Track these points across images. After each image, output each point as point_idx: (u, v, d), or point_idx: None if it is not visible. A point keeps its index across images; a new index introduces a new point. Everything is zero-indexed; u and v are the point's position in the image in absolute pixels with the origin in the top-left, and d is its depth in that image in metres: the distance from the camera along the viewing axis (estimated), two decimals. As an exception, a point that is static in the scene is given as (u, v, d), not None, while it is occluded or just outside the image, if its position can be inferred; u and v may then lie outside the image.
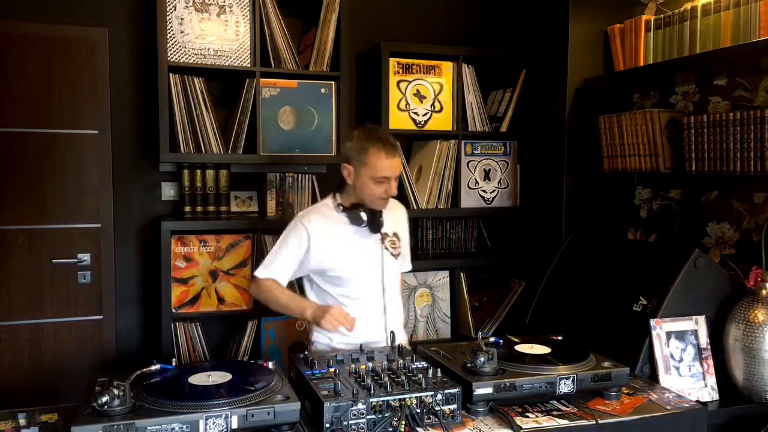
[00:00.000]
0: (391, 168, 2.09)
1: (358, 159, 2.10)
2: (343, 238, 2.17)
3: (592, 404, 1.74)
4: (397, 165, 2.12)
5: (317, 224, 2.16)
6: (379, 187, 2.10)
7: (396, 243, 2.27)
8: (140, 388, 1.52)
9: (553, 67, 2.95)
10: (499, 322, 3.22)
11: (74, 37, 2.95)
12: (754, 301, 1.98)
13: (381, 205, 2.16)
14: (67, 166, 2.99)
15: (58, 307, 3.00)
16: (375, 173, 2.08)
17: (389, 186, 2.11)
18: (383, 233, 2.20)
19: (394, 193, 2.13)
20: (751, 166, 2.17)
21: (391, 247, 2.24)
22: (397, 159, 2.11)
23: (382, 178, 2.09)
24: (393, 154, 2.09)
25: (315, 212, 2.21)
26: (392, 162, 2.09)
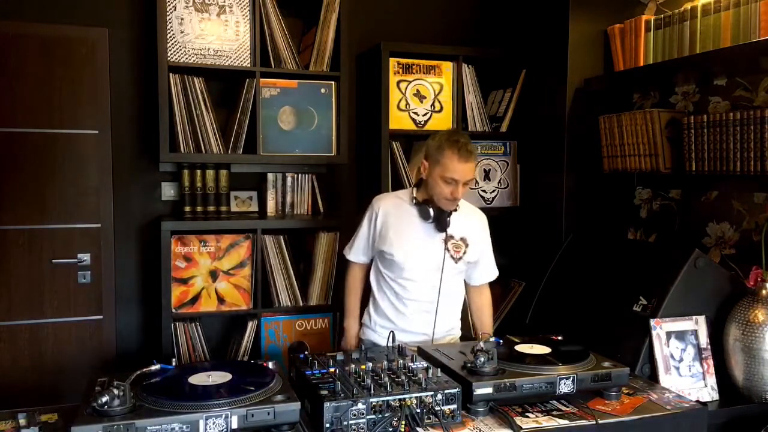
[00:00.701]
0: (461, 172, 2.16)
1: (434, 156, 2.20)
2: (408, 227, 2.28)
3: (592, 404, 1.74)
4: (468, 171, 2.17)
5: (388, 206, 2.33)
6: (447, 187, 2.18)
7: (460, 247, 2.30)
8: (140, 388, 1.52)
9: (553, 67, 2.95)
10: (499, 322, 3.22)
11: (74, 37, 2.95)
12: (754, 301, 1.98)
13: (446, 205, 2.23)
14: (67, 166, 2.99)
15: (58, 307, 3.00)
16: (445, 173, 2.16)
17: (456, 189, 2.18)
18: (449, 234, 2.26)
19: (459, 196, 2.20)
20: (751, 166, 2.17)
21: (453, 250, 2.28)
22: (470, 165, 2.17)
23: (451, 179, 2.16)
24: (466, 159, 2.16)
25: (391, 197, 2.39)
26: (464, 166, 2.15)
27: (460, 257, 2.29)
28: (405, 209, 2.30)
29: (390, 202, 2.35)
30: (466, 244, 2.31)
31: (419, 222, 2.26)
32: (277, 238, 2.95)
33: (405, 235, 2.27)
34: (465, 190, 2.21)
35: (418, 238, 2.27)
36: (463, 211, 2.33)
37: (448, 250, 2.26)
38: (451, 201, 2.21)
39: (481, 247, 2.37)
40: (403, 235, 2.27)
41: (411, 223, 2.28)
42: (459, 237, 2.30)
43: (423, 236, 2.27)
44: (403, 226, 2.28)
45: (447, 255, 2.26)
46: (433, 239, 2.27)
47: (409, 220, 2.28)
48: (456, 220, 2.27)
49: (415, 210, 2.27)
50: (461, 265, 2.31)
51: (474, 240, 2.33)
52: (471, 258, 2.33)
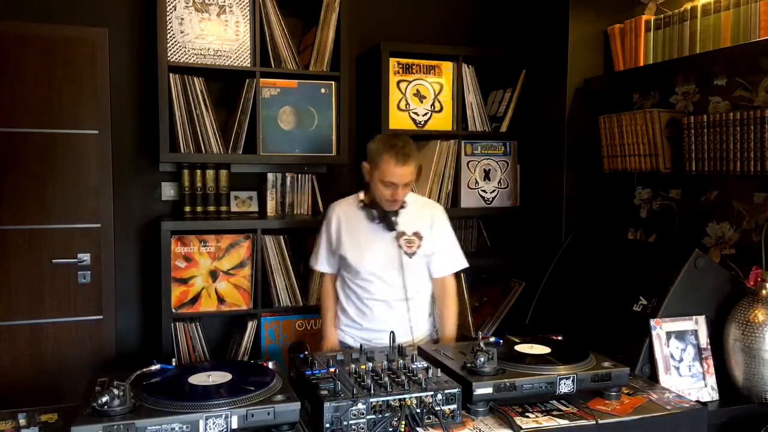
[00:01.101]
0: (399, 176, 2.21)
1: (374, 161, 2.26)
2: (360, 230, 2.34)
3: (592, 404, 1.74)
4: (405, 174, 2.22)
5: (340, 212, 2.39)
6: (387, 189, 2.24)
7: (413, 242, 2.33)
8: (140, 388, 1.52)
9: (553, 67, 2.95)
10: (499, 322, 3.22)
11: (74, 37, 2.95)
12: (754, 301, 1.98)
13: (389, 206, 2.28)
14: (67, 166, 2.99)
15: (58, 307, 3.00)
16: (384, 177, 2.22)
17: (395, 191, 2.23)
18: (400, 231, 2.30)
19: (400, 198, 2.25)
20: (751, 166, 2.17)
21: (406, 246, 2.31)
22: (407, 168, 2.21)
23: (389, 182, 2.22)
24: (403, 163, 2.20)
25: (343, 202, 2.44)
26: (401, 170, 2.20)
27: (414, 252, 2.32)
28: (356, 213, 2.36)
29: (342, 208, 2.41)
30: (419, 237, 2.34)
31: (369, 223, 2.32)
32: (277, 238, 2.95)
33: (357, 237, 2.34)
34: (406, 192, 2.27)
35: (370, 239, 2.32)
36: (415, 206, 2.37)
37: (401, 246, 2.30)
38: (392, 202, 2.26)
39: (436, 238, 2.38)
40: (355, 238, 2.34)
41: (362, 226, 2.33)
42: (411, 232, 2.33)
43: (375, 237, 2.32)
44: (354, 229, 2.35)
45: (401, 252, 2.30)
46: (385, 238, 2.31)
47: (360, 223, 2.34)
48: (407, 217, 2.31)
49: (363, 213, 2.32)
50: (417, 259, 2.34)
51: (427, 233, 2.35)
52: (426, 251, 2.35)
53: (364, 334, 2.37)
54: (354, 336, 2.40)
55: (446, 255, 2.43)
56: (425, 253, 2.35)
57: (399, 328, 2.28)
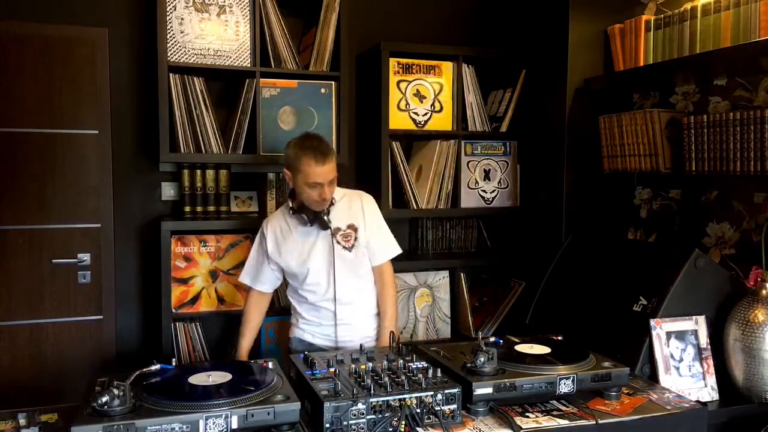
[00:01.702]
0: (321, 175, 2.20)
1: (294, 165, 2.24)
2: (295, 238, 2.34)
3: (592, 404, 1.74)
4: (328, 171, 2.22)
5: (273, 228, 2.39)
6: (313, 191, 2.22)
7: (350, 235, 2.34)
8: (140, 388, 1.52)
9: (553, 67, 2.95)
10: (499, 322, 3.22)
11: (74, 37, 2.95)
12: (754, 301, 1.98)
13: (318, 207, 2.26)
14: (67, 166, 2.99)
15: (58, 307, 3.00)
16: (307, 179, 2.21)
17: (322, 191, 2.22)
18: (335, 227, 2.31)
19: (328, 197, 2.25)
20: (751, 166, 2.17)
21: (343, 241, 2.33)
22: (328, 166, 2.22)
23: (314, 183, 2.21)
24: (323, 162, 2.21)
25: (274, 217, 2.43)
26: (322, 169, 2.20)
27: (353, 244, 2.33)
28: (288, 221, 2.36)
29: (274, 223, 2.40)
30: (354, 229, 2.35)
31: (303, 228, 2.32)
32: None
33: (295, 245, 2.34)
34: (332, 189, 2.27)
35: (308, 243, 2.33)
36: (344, 199, 2.37)
37: (339, 242, 2.31)
38: (321, 202, 2.25)
39: (370, 227, 2.38)
40: (294, 246, 2.34)
41: (296, 233, 2.34)
42: (346, 225, 2.34)
43: (312, 240, 2.33)
44: (290, 237, 2.35)
45: (339, 248, 2.31)
46: (319, 238, 2.32)
47: (294, 230, 2.34)
48: (337, 212, 2.32)
49: (295, 219, 2.32)
50: (357, 251, 2.34)
51: (361, 223, 2.36)
52: (363, 242, 2.35)
53: (325, 330, 2.37)
54: (314, 333, 2.40)
55: (381, 242, 2.42)
56: (363, 244, 2.35)
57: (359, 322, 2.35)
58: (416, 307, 3.22)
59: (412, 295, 3.22)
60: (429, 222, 3.36)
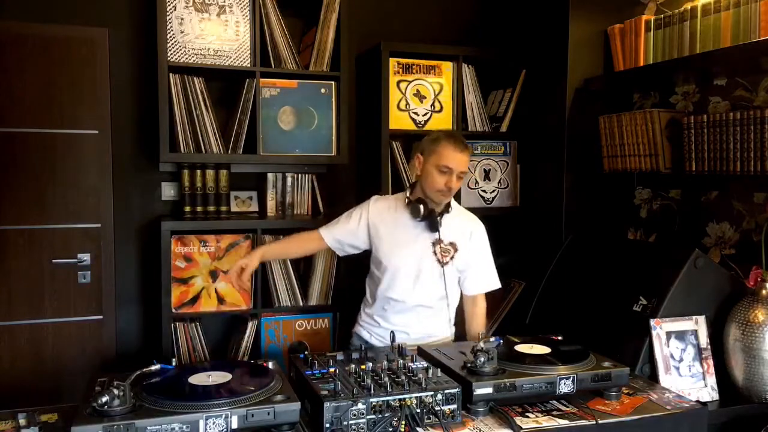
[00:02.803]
0: (456, 160, 2.17)
1: (429, 148, 2.22)
2: (397, 228, 2.29)
3: (592, 404, 1.74)
4: (463, 161, 2.19)
5: (380, 208, 2.34)
6: (442, 177, 2.17)
7: (448, 252, 2.27)
8: (140, 388, 1.52)
9: (553, 67, 2.95)
10: (499, 322, 3.22)
11: (74, 37, 2.95)
12: (754, 301, 1.98)
13: (439, 198, 2.21)
14: (67, 166, 2.99)
15: (58, 307, 3.00)
16: (440, 161, 2.17)
17: (450, 179, 2.17)
18: (439, 238, 2.24)
19: (454, 187, 2.19)
20: (751, 166, 2.17)
21: (440, 254, 2.26)
22: (465, 156, 2.20)
23: (446, 167, 2.16)
24: (462, 150, 2.19)
25: (385, 199, 2.40)
26: (459, 155, 2.17)
27: (447, 262, 2.26)
28: (398, 210, 2.31)
29: (383, 205, 2.36)
30: (455, 249, 2.28)
31: (410, 222, 2.26)
32: (277, 238, 2.95)
33: (395, 233, 2.29)
34: (458, 184, 2.22)
35: (407, 237, 2.28)
36: (458, 217, 2.32)
37: (435, 253, 2.25)
38: (445, 192, 2.19)
39: (473, 254, 2.31)
40: (393, 233, 2.29)
41: (401, 222, 2.28)
42: (448, 242, 2.27)
43: (412, 236, 2.27)
44: (394, 224, 2.30)
45: (434, 258, 2.26)
46: (422, 241, 2.26)
47: (401, 219, 2.29)
48: (448, 224, 2.26)
49: (407, 211, 2.26)
50: (448, 270, 2.27)
51: (464, 246, 2.29)
52: (459, 265, 2.29)
53: (382, 332, 2.33)
54: (372, 332, 2.36)
55: (480, 273, 2.34)
56: (458, 266, 2.28)
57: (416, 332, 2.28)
58: None
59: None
60: (429, 222, 3.36)
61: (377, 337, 2.34)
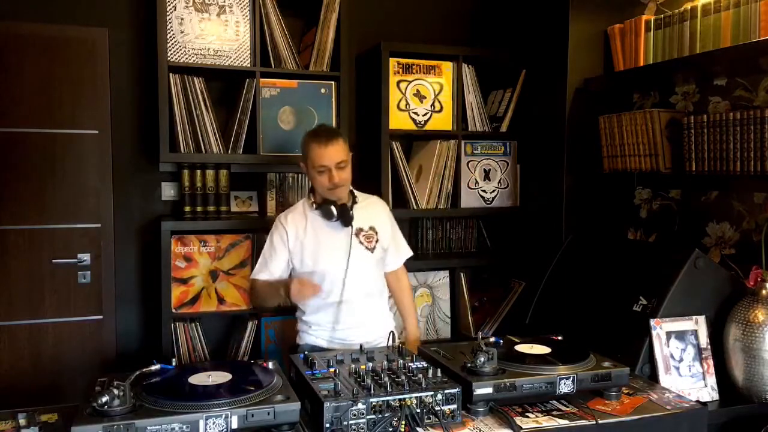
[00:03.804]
0: (326, 156, 2.18)
1: (303, 153, 2.27)
2: (318, 232, 2.29)
3: (592, 404, 1.74)
4: (333, 153, 2.19)
5: (292, 220, 2.31)
6: (322, 177, 2.20)
7: (372, 236, 2.33)
8: (140, 388, 1.52)
9: (553, 67, 2.95)
10: (499, 322, 3.22)
11: (74, 37, 2.95)
12: (754, 301, 1.98)
13: (332, 195, 2.23)
14: (67, 166, 2.99)
15: (58, 307, 3.00)
16: (314, 164, 2.20)
17: (331, 174, 2.19)
18: (357, 227, 2.29)
19: (338, 182, 2.20)
20: (751, 166, 2.17)
21: (365, 241, 2.31)
22: (333, 147, 2.19)
23: (321, 167, 2.19)
24: (326, 144, 2.19)
25: (291, 211, 2.36)
26: (326, 151, 2.18)
27: (374, 246, 2.32)
28: (308, 217, 2.30)
29: (293, 216, 2.32)
30: (375, 231, 2.34)
31: (324, 224, 2.27)
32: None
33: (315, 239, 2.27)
34: (343, 176, 2.22)
35: (328, 238, 2.27)
36: (363, 202, 2.36)
37: (362, 242, 2.29)
38: (333, 188, 2.21)
39: (389, 230, 2.40)
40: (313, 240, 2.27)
41: (316, 226, 2.28)
42: (368, 227, 2.33)
43: (332, 235, 2.27)
44: (311, 231, 2.28)
45: (361, 247, 2.28)
46: (341, 236, 2.28)
47: (314, 223, 2.29)
48: (359, 212, 2.30)
49: (317, 213, 2.27)
50: (377, 253, 2.33)
51: (381, 226, 2.37)
52: (384, 244, 2.36)
53: (337, 335, 2.30)
54: (324, 338, 2.31)
55: (399, 245, 2.46)
56: (383, 246, 2.36)
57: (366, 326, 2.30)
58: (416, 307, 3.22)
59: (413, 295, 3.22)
60: (429, 222, 3.36)
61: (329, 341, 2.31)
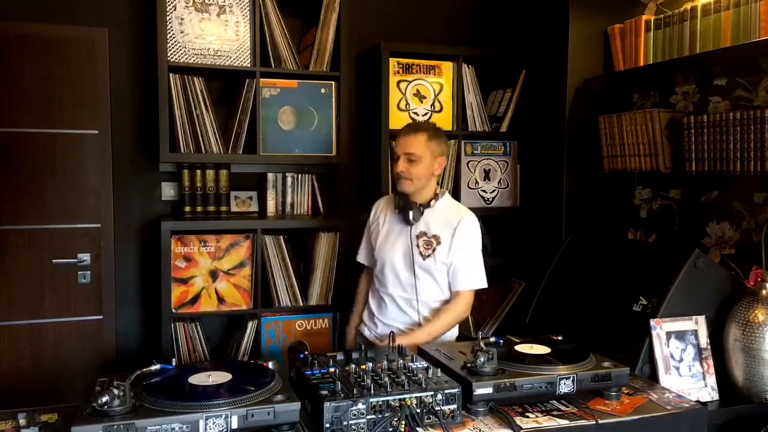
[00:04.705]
0: (401, 144, 2.23)
1: None
2: (389, 224, 2.37)
3: (592, 404, 1.74)
4: (407, 142, 2.22)
5: (380, 206, 2.45)
6: (394, 165, 2.26)
7: (431, 244, 2.25)
8: (140, 388, 1.52)
9: (553, 67, 2.95)
10: (499, 322, 3.22)
11: (74, 37, 2.95)
12: (754, 301, 1.98)
13: (399, 187, 2.27)
14: (67, 166, 2.99)
15: (58, 307, 3.00)
16: (393, 151, 2.30)
17: (397, 163, 2.23)
18: (420, 231, 2.28)
19: (399, 170, 2.22)
20: (751, 166, 2.17)
21: (423, 246, 2.26)
22: (411, 137, 2.23)
23: (394, 153, 2.26)
24: (406, 133, 2.24)
25: (385, 198, 2.48)
26: (403, 139, 2.23)
27: (429, 255, 2.24)
28: (390, 203, 2.39)
29: (382, 203, 2.46)
30: (438, 242, 2.24)
31: (397, 218, 2.32)
32: (277, 238, 2.95)
33: (385, 227, 2.37)
34: (412, 169, 2.20)
35: (393, 231, 2.34)
36: (445, 210, 2.28)
37: (418, 246, 2.27)
38: (400, 179, 2.24)
39: (457, 249, 2.23)
40: (384, 228, 2.38)
41: (390, 216, 2.37)
42: (431, 234, 2.26)
43: (397, 229, 2.32)
44: (385, 219, 2.39)
45: (416, 252, 2.27)
46: (405, 233, 2.30)
47: (390, 214, 2.38)
48: (432, 217, 2.27)
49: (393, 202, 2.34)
50: (432, 263, 2.23)
51: (447, 240, 2.23)
52: (442, 258, 2.22)
53: (380, 330, 2.35)
54: (371, 330, 2.39)
55: (466, 268, 2.24)
56: (443, 260, 2.23)
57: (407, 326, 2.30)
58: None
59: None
60: (429, 222, 3.35)
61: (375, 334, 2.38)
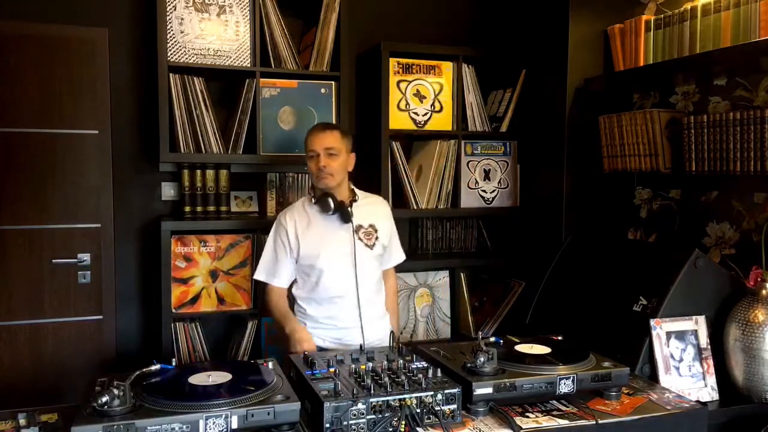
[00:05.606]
0: (317, 141, 2.27)
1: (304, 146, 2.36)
2: (317, 229, 2.31)
3: (592, 404, 1.74)
4: (324, 139, 2.27)
5: (293, 218, 2.35)
6: (312, 163, 2.28)
7: (371, 234, 2.35)
8: (140, 388, 1.52)
9: (553, 67, 2.95)
10: (499, 322, 3.22)
11: (74, 37, 2.95)
12: (754, 301, 1.98)
13: (322, 183, 2.28)
14: (67, 166, 2.99)
15: (58, 307, 3.00)
16: (306, 149, 2.31)
17: (318, 161, 2.25)
18: (357, 224, 2.32)
19: (322, 166, 2.24)
20: (751, 166, 2.17)
21: (365, 238, 2.33)
22: (325, 134, 2.28)
23: (311, 151, 2.28)
24: (321, 130, 2.30)
25: (291, 209, 2.40)
26: (317, 136, 2.28)
27: (374, 243, 2.35)
28: (308, 212, 2.34)
29: (291, 214, 2.36)
30: (375, 229, 2.37)
31: (324, 220, 2.30)
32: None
33: (314, 233, 2.30)
34: (332, 164, 2.25)
35: (327, 233, 2.30)
36: (364, 201, 2.40)
37: (361, 239, 2.32)
38: (321, 176, 2.25)
39: (388, 231, 2.43)
40: (312, 235, 2.30)
41: (315, 221, 2.32)
42: (368, 224, 2.36)
43: (331, 231, 2.30)
44: (309, 227, 2.32)
45: (360, 244, 2.31)
46: (341, 232, 2.30)
47: (314, 219, 2.32)
48: (359, 210, 2.33)
49: (316, 209, 2.31)
50: (377, 250, 2.36)
51: (381, 225, 2.39)
52: (384, 242, 2.39)
53: (334, 333, 2.31)
54: (323, 337, 2.31)
55: (395, 247, 2.51)
56: (383, 244, 2.38)
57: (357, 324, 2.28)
58: (416, 307, 3.22)
59: (412, 295, 3.22)
60: (429, 222, 3.36)
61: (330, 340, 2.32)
